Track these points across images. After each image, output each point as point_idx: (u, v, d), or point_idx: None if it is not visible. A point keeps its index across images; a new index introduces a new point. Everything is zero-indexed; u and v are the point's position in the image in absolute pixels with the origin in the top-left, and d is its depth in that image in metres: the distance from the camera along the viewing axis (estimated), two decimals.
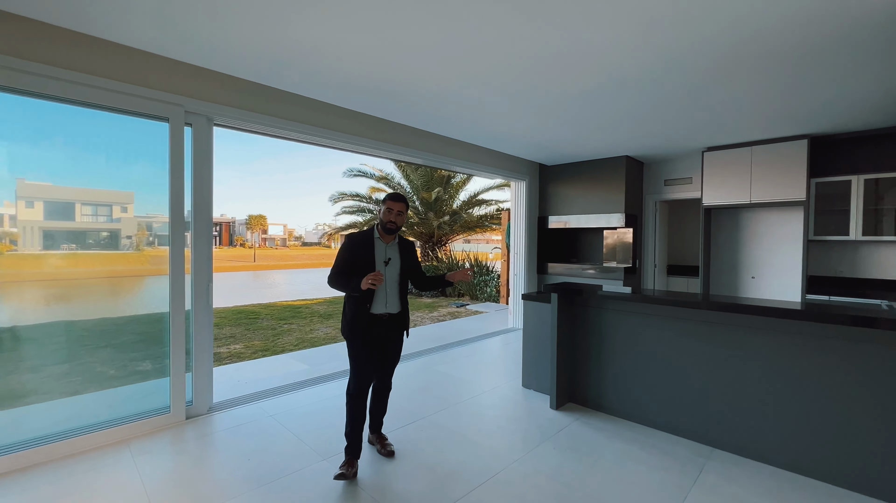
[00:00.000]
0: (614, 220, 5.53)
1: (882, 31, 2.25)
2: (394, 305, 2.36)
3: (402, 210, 2.36)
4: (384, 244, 2.38)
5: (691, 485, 2.18)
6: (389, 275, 2.35)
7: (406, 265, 2.44)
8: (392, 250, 2.40)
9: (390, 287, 2.35)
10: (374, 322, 2.31)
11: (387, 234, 2.37)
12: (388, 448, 2.46)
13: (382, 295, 2.33)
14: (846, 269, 4.58)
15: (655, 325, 2.82)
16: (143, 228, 2.88)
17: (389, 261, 2.36)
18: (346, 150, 3.93)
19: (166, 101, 2.70)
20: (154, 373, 2.84)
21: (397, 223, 2.35)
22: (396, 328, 2.42)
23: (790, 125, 3.98)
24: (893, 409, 2.04)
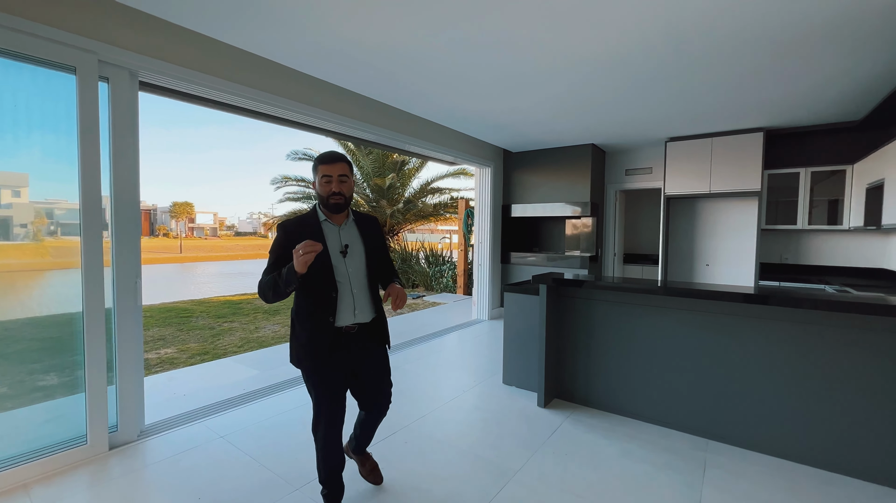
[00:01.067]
0: (578, 209, 5.50)
1: (833, 34, 2.38)
2: (365, 312, 1.71)
3: (346, 173, 1.66)
4: (335, 227, 1.70)
5: (700, 483, 2.08)
6: (352, 268, 1.68)
7: (373, 252, 1.76)
8: (349, 233, 1.72)
9: (357, 286, 1.69)
10: (338, 339, 1.68)
11: (334, 212, 1.68)
12: (374, 472, 2.02)
13: (348, 299, 1.67)
14: (791, 257, 4.90)
15: (648, 315, 2.71)
16: (43, 215, 2.24)
17: (348, 248, 1.68)
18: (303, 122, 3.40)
19: (72, 45, 2.07)
20: (62, 388, 2.23)
21: (344, 193, 1.65)
22: (370, 341, 1.78)
23: (748, 118, 4.11)
24: (885, 393, 2.06)
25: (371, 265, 1.75)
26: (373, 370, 1.83)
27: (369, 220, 1.85)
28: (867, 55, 2.62)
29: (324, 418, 1.71)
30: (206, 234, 62.06)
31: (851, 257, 4.52)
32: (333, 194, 1.64)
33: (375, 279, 1.80)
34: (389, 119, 3.93)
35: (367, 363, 1.81)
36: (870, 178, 3.66)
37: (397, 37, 2.51)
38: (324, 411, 1.71)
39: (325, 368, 1.68)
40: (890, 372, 2.05)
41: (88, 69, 2.14)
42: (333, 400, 1.71)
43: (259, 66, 2.86)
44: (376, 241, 1.80)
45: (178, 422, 2.66)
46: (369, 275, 1.74)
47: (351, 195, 1.71)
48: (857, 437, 2.13)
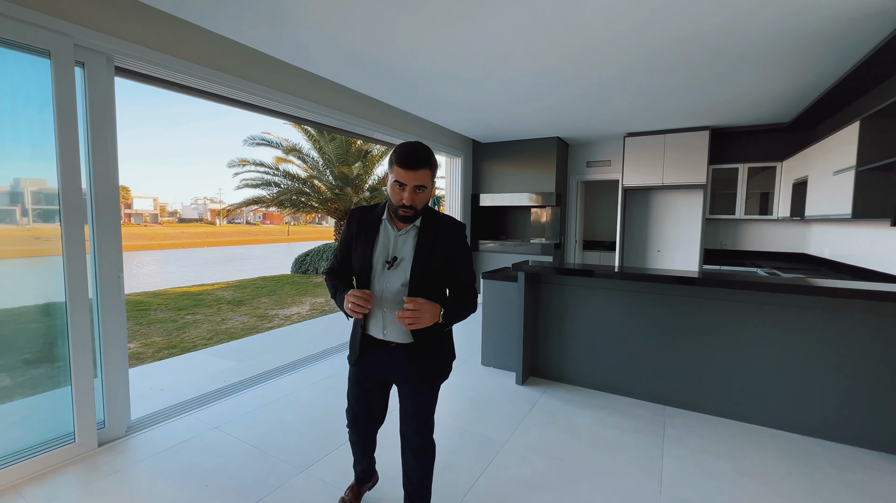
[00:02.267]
0: (544, 199, 5.79)
1: (772, 50, 2.72)
2: (395, 332, 1.48)
3: (426, 183, 1.40)
4: (394, 232, 1.48)
5: (662, 442, 2.41)
6: (388, 283, 1.46)
7: (427, 268, 1.45)
8: (405, 244, 1.47)
9: (388, 304, 1.46)
10: (369, 346, 1.55)
11: (399, 220, 1.48)
12: None
13: (378, 313, 1.49)
14: (729, 243, 5.48)
15: (614, 299, 3.01)
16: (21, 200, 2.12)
17: (395, 262, 1.46)
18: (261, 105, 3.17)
19: (47, 28, 1.96)
20: (45, 382, 2.16)
21: (416, 206, 1.41)
22: (409, 366, 1.50)
23: (697, 117, 4.52)
24: (816, 361, 2.47)
25: (414, 284, 1.44)
26: (403, 399, 1.58)
27: (443, 229, 1.49)
28: (798, 68, 3.00)
29: (348, 412, 1.71)
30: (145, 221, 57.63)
31: (779, 243, 5.15)
32: (404, 206, 1.40)
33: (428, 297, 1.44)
34: (355, 104, 3.85)
35: (401, 390, 1.58)
36: (796, 174, 4.18)
37: (366, 22, 2.54)
38: (348, 403, 1.71)
39: (355, 369, 1.63)
40: (809, 339, 2.45)
41: (64, 53, 2.03)
42: (357, 401, 1.66)
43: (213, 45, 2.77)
44: (438, 257, 1.46)
45: (166, 417, 2.64)
46: (413, 294, 1.44)
47: (425, 206, 1.48)
48: (788, 396, 2.54)
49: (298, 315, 6.21)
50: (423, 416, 1.57)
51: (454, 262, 1.50)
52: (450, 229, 1.51)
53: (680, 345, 2.81)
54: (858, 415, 2.37)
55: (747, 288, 2.51)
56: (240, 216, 64.39)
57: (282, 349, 4.20)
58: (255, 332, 5.13)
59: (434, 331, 1.48)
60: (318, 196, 10.92)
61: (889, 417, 2.30)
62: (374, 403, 1.67)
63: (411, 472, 1.61)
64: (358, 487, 1.88)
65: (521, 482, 2.04)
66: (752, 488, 2.01)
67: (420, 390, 1.55)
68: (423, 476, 1.61)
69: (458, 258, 1.51)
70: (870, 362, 2.32)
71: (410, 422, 1.57)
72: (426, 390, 1.56)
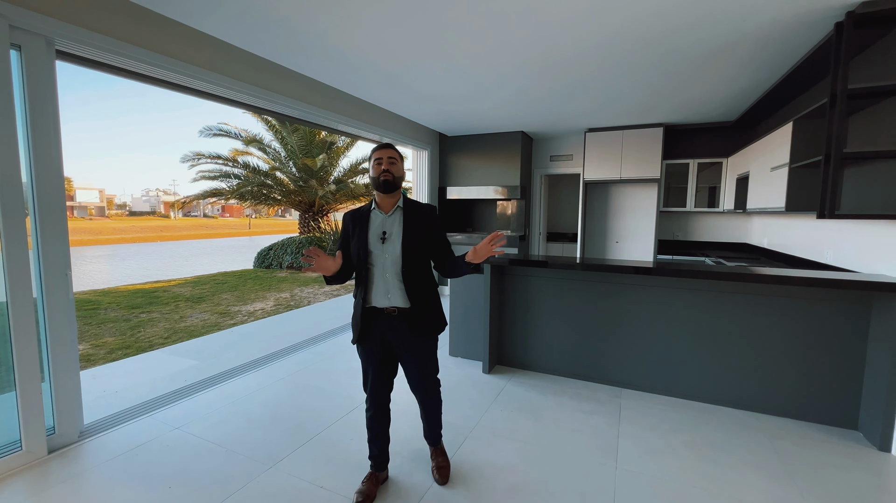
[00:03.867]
0: (509, 192, 5.91)
1: (720, 54, 2.91)
2: (397, 296, 1.81)
3: (395, 157, 1.83)
4: (382, 215, 1.86)
5: (618, 422, 2.57)
6: (388, 254, 1.80)
7: (413, 240, 1.81)
8: (392, 221, 1.84)
9: (391, 271, 1.80)
10: (373, 318, 1.84)
11: (384, 193, 1.83)
12: (439, 469, 2.01)
13: (381, 282, 1.81)
14: (681, 234, 5.81)
15: (574, 289, 3.15)
16: None
17: (385, 235, 1.82)
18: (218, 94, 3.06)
19: None
20: None
21: (393, 172, 1.81)
22: (411, 329, 1.83)
23: (652, 115, 4.75)
24: (755, 342, 2.70)
25: (407, 252, 1.79)
26: (409, 356, 1.88)
27: (421, 209, 1.89)
28: (742, 71, 3.22)
29: (365, 388, 1.95)
30: (90, 215, 53.71)
31: (725, 234, 5.52)
32: (384, 172, 1.81)
33: (414, 265, 1.81)
34: (319, 95, 3.77)
35: (404, 348, 1.87)
36: (739, 170, 4.49)
37: (331, 13, 2.52)
38: (364, 383, 1.95)
39: (363, 342, 1.87)
40: (749, 323, 2.68)
41: None
42: (371, 371, 1.90)
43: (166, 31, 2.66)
44: (421, 230, 1.84)
45: (122, 419, 2.54)
46: (404, 262, 1.79)
47: (400, 177, 1.86)
48: (731, 375, 2.76)
49: (262, 311, 6.06)
50: (428, 367, 1.94)
51: (433, 234, 1.89)
52: (425, 210, 1.92)
53: (634, 331, 2.99)
54: (789, 390, 2.62)
55: (695, 276, 2.70)
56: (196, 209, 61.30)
57: (246, 346, 4.10)
58: (216, 330, 4.97)
59: (427, 295, 1.87)
60: (281, 188, 10.61)
61: (814, 391, 2.56)
62: (384, 370, 1.91)
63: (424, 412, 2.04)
64: (377, 475, 1.96)
65: (487, 465, 2.13)
66: (696, 459, 2.20)
67: (423, 344, 1.89)
68: (437, 407, 2.04)
69: (436, 231, 1.91)
70: (800, 342, 2.57)
71: (417, 374, 1.92)
72: (428, 343, 1.91)
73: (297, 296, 7.13)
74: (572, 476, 2.05)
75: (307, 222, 11.05)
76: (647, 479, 2.04)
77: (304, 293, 7.37)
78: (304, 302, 6.59)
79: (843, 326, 2.47)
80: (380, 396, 1.93)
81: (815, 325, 2.53)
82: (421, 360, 1.91)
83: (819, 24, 2.43)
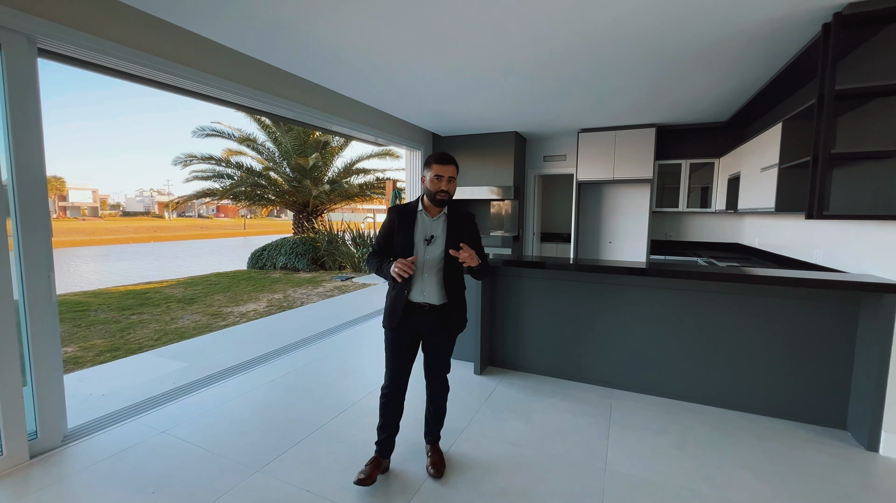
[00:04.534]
0: (503, 192, 5.90)
1: (711, 54, 2.90)
2: (432, 294, 1.96)
3: (455, 175, 1.93)
4: (428, 219, 1.97)
5: (608, 423, 2.56)
6: (430, 255, 1.94)
7: (454, 244, 1.94)
8: (438, 225, 1.97)
9: (429, 270, 1.95)
10: (411, 311, 1.97)
11: (435, 205, 1.96)
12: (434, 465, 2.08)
13: (419, 280, 1.96)
14: (673, 234, 5.83)
15: (566, 289, 3.14)
16: None
17: (432, 239, 1.95)
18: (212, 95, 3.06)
19: None
20: None
21: (450, 192, 1.92)
22: (438, 325, 1.99)
23: (644, 115, 4.75)
24: (745, 343, 2.71)
25: (448, 257, 1.94)
26: (432, 351, 2.06)
27: (463, 218, 2.03)
28: (733, 70, 3.22)
29: (387, 376, 2.04)
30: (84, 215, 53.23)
31: (716, 234, 5.54)
32: (441, 191, 1.90)
33: (451, 268, 1.98)
34: (312, 95, 3.76)
35: (430, 343, 2.04)
36: (731, 170, 4.51)
37: (323, 13, 2.50)
38: (388, 369, 2.03)
39: (395, 332, 1.98)
40: (739, 323, 2.68)
41: None
42: (396, 361, 2.00)
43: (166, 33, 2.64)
44: (461, 236, 1.97)
45: (107, 423, 2.51)
46: (445, 266, 1.96)
47: (453, 194, 1.96)
48: (720, 375, 2.77)
49: (255, 312, 6.02)
50: (444, 364, 2.09)
51: (471, 241, 2.01)
52: (467, 216, 2.06)
53: (625, 331, 2.99)
54: (778, 390, 2.63)
55: (685, 277, 2.70)
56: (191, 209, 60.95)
57: (237, 348, 4.07)
58: (207, 331, 4.92)
59: (459, 295, 2.04)
60: (275, 188, 10.55)
61: (803, 391, 2.57)
62: (409, 359, 2.04)
63: (432, 399, 2.14)
64: (380, 460, 2.05)
65: (477, 468, 2.11)
66: (686, 460, 2.19)
67: (446, 340, 2.05)
68: (443, 406, 2.16)
69: (474, 236, 2.05)
70: (789, 342, 2.58)
71: (434, 369, 2.08)
72: (451, 339, 2.06)
73: (290, 297, 7.09)
74: (561, 478, 2.04)
75: (301, 223, 10.99)
76: (637, 481, 2.03)
77: (298, 294, 7.33)
78: (297, 303, 6.56)
79: (831, 326, 2.48)
80: (400, 381, 2.03)
81: (804, 325, 2.53)
82: (444, 353, 2.07)
83: (807, 24, 2.43)
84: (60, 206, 51.95)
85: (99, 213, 56.25)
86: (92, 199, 56.84)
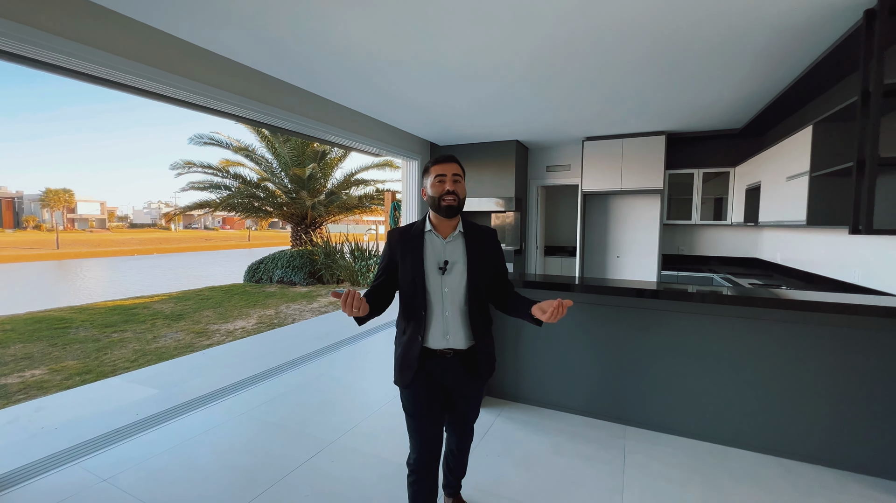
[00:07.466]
0: (504, 203, 5.61)
1: (725, 54, 2.63)
2: (459, 336, 1.54)
3: (460, 173, 1.53)
4: (440, 240, 1.55)
5: (622, 470, 2.20)
6: (449, 287, 1.52)
7: (479, 272, 1.55)
8: (454, 249, 1.55)
9: (450, 307, 1.52)
10: (429, 360, 1.54)
11: (446, 217, 1.53)
12: None
13: (439, 320, 1.52)
14: (686, 248, 5.48)
15: (572, 312, 2.80)
16: None
17: (447, 265, 1.52)
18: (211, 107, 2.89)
19: None
20: None
21: (458, 194, 1.50)
22: (466, 373, 1.59)
23: (654, 122, 4.46)
24: (781, 376, 2.35)
25: (473, 285, 1.53)
26: (462, 399, 1.65)
27: (483, 233, 1.62)
28: (756, 69, 2.91)
29: (413, 448, 1.58)
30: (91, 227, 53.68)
31: (732, 248, 5.18)
32: (447, 193, 1.49)
33: (477, 301, 1.56)
34: (310, 107, 3.55)
35: (459, 392, 1.62)
36: (749, 180, 4.18)
37: (322, 23, 2.25)
38: (412, 437, 1.58)
39: (413, 389, 1.55)
40: (775, 353, 2.32)
41: None
42: (423, 427, 1.56)
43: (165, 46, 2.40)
44: (487, 259, 1.59)
45: (47, 467, 2.19)
46: (469, 297, 1.54)
47: (464, 198, 1.55)
48: (753, 414, 2.40)
49: (243, 330, 5.72)
50: (475, 412, 1.73)
51: (497, 263, 1.66)
52: (489, 234, 1.64)
53: (640, 360, 2.64)
54: (826, 433, 2.25)
55: (712, 301, 2.36)
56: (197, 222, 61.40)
57: (214, 372, 3.75)
58: (189, 351, 4.62)
59: (488, 334, 1.63)
60: (272, 200, 10.34)
61: (857, 435, 2.19)
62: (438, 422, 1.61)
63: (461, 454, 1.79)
64: None
65: None
66: None
67: (476, 390, 1.67)
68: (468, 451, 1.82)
69: (500, 258, 1.67)
70: (840, 377, 2.22)
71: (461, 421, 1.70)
72: (479, 388, 1.68)
73: (282, 313, 6.79)
74: None
75: (299, 235, 10.75)
76: None
77: (291, 310, 7.03)
78: (289, 319, 6.25)
79: (893, 359, 2.12)
80: (432, 452, 1.57)
81: (858, 357, 2.17)
82: (472, 404, 1.69)
83: (845, 12, 2.13)
84: (69, 217, 52.52)
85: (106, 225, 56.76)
86: (100, 211, 57.42)
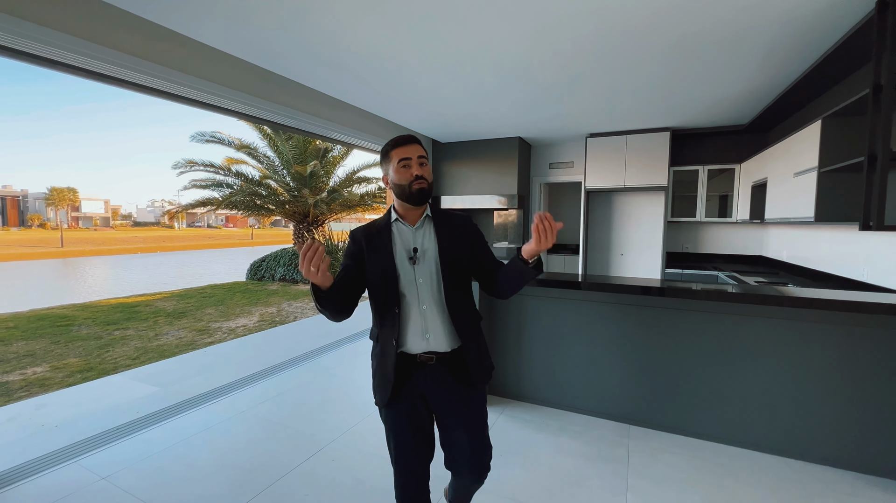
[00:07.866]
0: (506, 201, 5.57)
1: (730, 48, 2.56)
2: (440, 336, 1.35)
3: (425, 156, 1.37)
4: (408, 228, 1.40)
5: (626, 470, 2.17)
6: (423, 278, 1.35)
7: (453, 254, 1.38)
8: (424, 235, 1.39)
9: (427, 300, 1.34)
10: (409, 370, 1.34)
11: (416, 205, 1.37)
12: None
13: (416, 317, 1.34)
14: (690, 246, 5.42)
15: (572, 309, 2.77)
16: None
17: (417, 253, 1.36)
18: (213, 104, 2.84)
19: None
20: None
21: (426, 178, 1.35)
22: (456, 383, 1.37)
23: (658, 118, 4.40)
24: (792, 375, 2.31)
25: (448, 274, 1.35)
26: (454, 416, 1.38)
27: (455, 219, 1.45)
28: (765, 63, 2.86)
29: (397, 483, 1.37)
30: (95, 225, 53.94)
31: (737, 246, 5.13)
32: (416, 178, 1.33)
33: (458, 291, 1.39)
34: (308, 101, 3.52)
35: (450, 408, 1.38)
36: (755, 176, 4.13)
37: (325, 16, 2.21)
38: (395, 470, 1.38)
39: (393, 406, 1.35)
40: (783, 352, 2.28)
41: None
42: (403, 456, 1.35)
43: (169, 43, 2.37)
44: (462, 244, 1.41)
45: (46, 464, 2.18)
46: (446, 288, 1.35)
47: (431, 181, 1.39)
48: (760, 413, 2.36)
49: (245, 328, 5.71)
50: (482, 436, 1.43)
51: (476, 247, 1.46)
52: (462, 218, 1.47)
53: (644, 359, 2.60)
54: (831, 434, 2.21)
55: (717, 299, 2.32)
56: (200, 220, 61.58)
57: (214, 370, 3.74)
58: (191, 349, 4.62)
59: (476, 329, 1.43)
60: (274, 198, 10.33)
61: (866, 435, 2.15)
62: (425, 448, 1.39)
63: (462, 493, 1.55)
64: None
65: None
66: None
67: (475, 400, 1.41)
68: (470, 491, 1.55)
69: (480, 242, 1.48)
70: (849, 376, 2.17)
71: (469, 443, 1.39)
72: (480, 397, 1.43)
73: (284, 311, 6.79)
74: None
75: (301, 233, 10.74)
76: None
77: (293, 308, 7.02)
78: (291, 317, 6.24)
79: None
80: (416, 484, 1.37)
81: (867, 356, 2.13)
82: (472, 421, 1.39)
83: (853, 4, 2.08)
84: (73, 216, 52.81)
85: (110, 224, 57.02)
86: (104, 209, 57.67)
